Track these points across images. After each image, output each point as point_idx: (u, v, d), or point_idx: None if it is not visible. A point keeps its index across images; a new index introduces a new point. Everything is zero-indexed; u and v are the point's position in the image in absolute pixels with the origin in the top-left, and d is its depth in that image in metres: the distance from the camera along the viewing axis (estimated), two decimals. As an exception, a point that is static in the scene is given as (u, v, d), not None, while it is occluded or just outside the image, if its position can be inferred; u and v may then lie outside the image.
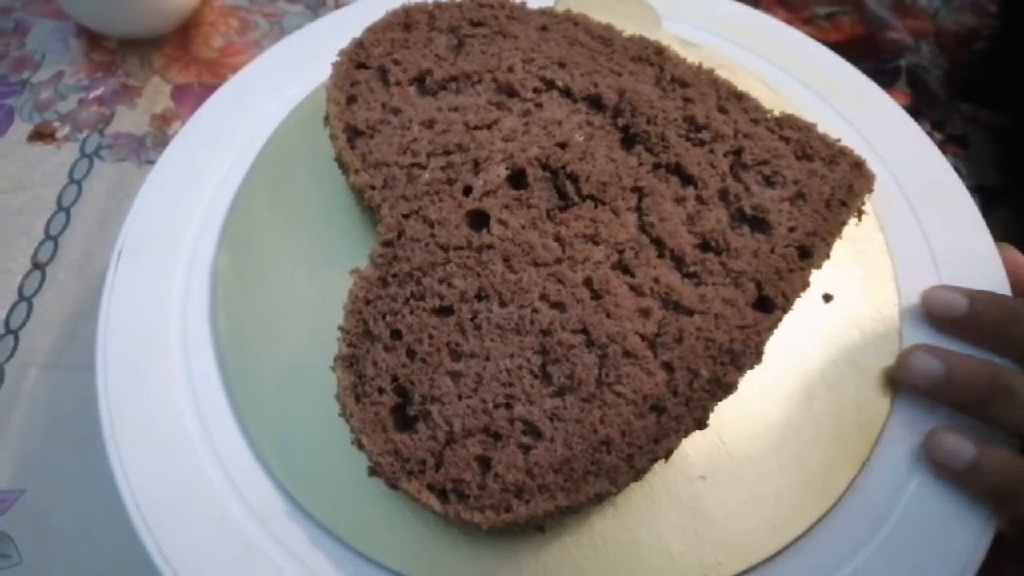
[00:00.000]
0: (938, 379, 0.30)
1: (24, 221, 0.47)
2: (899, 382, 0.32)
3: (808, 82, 0.40)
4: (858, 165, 0.34)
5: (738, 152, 0.34)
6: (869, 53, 0.53)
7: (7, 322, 0.43)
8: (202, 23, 0.56)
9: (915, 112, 0.46)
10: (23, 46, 0.55)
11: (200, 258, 0.35)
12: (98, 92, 0.53)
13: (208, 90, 0.51)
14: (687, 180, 0.33)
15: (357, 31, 0.37)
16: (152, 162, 0.45)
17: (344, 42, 0.37)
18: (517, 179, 0.32)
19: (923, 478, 0.30)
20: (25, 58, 0.54)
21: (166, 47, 0.55)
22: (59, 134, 0.51)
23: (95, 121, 0.51)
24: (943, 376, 0.30)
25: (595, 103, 0.35)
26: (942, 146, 0.47)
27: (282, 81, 0.40)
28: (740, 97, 0.35)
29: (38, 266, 0.45)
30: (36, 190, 0.48)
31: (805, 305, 0.32)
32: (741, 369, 0.29)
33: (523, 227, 0.31)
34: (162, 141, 0.50)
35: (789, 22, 0.46)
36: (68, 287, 0.45)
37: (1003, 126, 0.49)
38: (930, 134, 0.47)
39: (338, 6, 0.56)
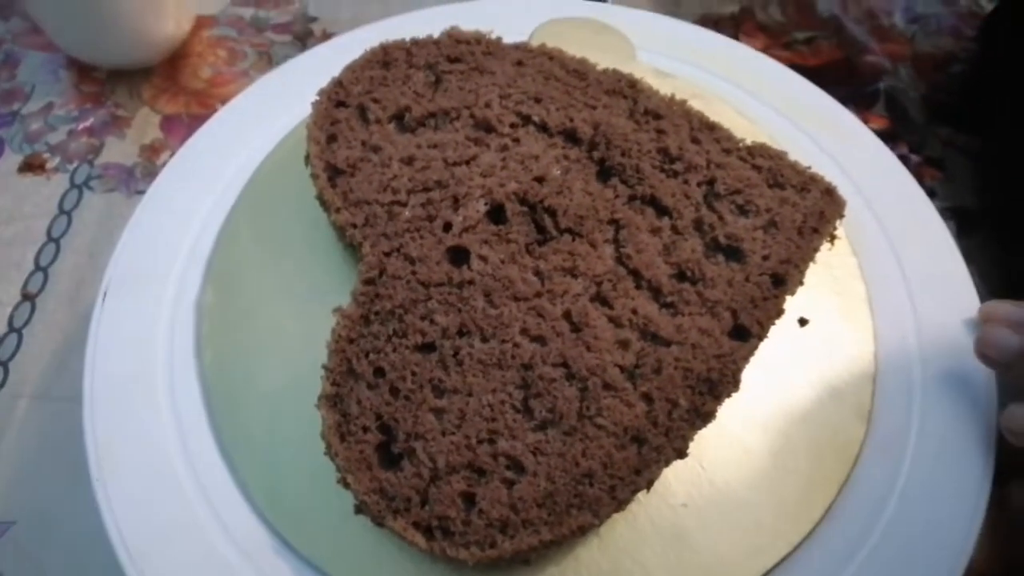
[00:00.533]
0: (1014, 354, 0.31)
1: (15, 253, 0.47)
2: (978, 354, 0.32)
3: (782, 109, 0.41)
4: (829, 192, 0.34)
5: (711, 182, 0.34)
6: (847, 77, 0.53)
7: (-3, 353, 0.43)
8: (191, 53, 0.56)
9: (893, 135, 0.47)
10: (13, 78, 0.55)
11: (186, 293, 0.35)
12: (88, 123, 0.53)
13: (197, 120, 0.51)
14: (662, 211, 0.34)
15: (345, 62, 0.38)
16: (141, 192, 0.46)
17: (333, 73, 0.37)
18: (496, 214, 0.33)
19: (901, 500, 0.31)
20: (15, 89, 0.55)
21: (155, 77, 0.55)
22: (49, 165, 0.51)
23: (85, 152, 0.52)
24: (1019, 352, 0.31)
25: (571, 137, 0.35)
26: (919, 169, 0.48)
27: (269, 114, 0.40)
28: (712, 127, 0.36)
29: (28, 297, 0.46)
30: (27, 221, 0.49)
31: (781, 330, 0.32)
32: (719, 398, 0.29)
33: (503, 262, 0.31)
34: (151, 172, 0.50)
35: (768, 47, 0.47)
36: (58, 318, 0.45)
37: (980, 150, 0.49)
38: (908, 157, 0.48)
39: (326, 36, 0.57)
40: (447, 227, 0.32)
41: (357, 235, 0.32)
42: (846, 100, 0.42)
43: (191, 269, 0.36)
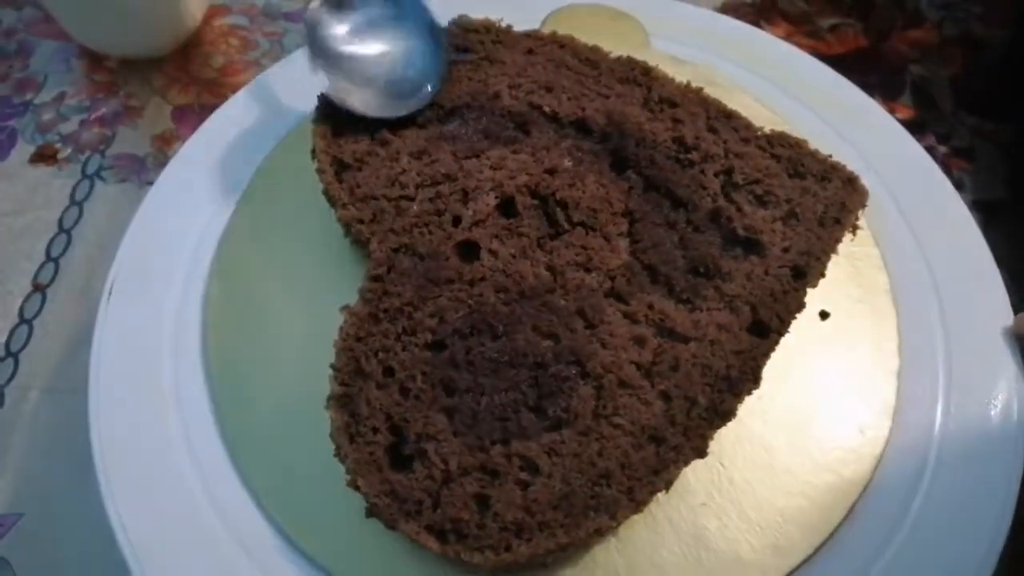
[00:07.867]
0: None
1: (26, 243, 0.47)
2: (1017, 337, 0.32)
3: (802, 97, 0.40)
4: (851, 181, 0.34)
5: (729, 172, 0.33)
6: (873, 65, 0.52)
7: (7, 345, 0.43)
8: (203, 42, 0.56)
9: (920, 124, 0.45)
10: (26, 67, 0.55)
11: (192, 289, 0.35)
12: (100, 113, 0.53)
13: (208, 110, 0.50)
14: (678, 203, 0.33)
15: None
16: (153, 183, 0.45)
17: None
18: (507, 208, 0.32)
19: (927, 500, 0.30)
20: (27, 79, 0.54)
21: (167, 67, 0.55)
22: (61, 155, 0.51)
23: (96, 142, 0.51)
24: None
25: (582, 127, 0.35)
26: (947, 159, 0.47)
27: (277, 105, 0.40)
28: (729, 116, 0.35)
29: (39, 288, 0.45)
30: (38, 212, 0.48)
31: (802, 324, 0.31)
32: (739, 395, 0.29)
33: (514, 257, 0.31)
34: (162, 162, 0.49)
35: (791, 35, 0.46)
36: (69, 309, 0.45)
37: (1009, 139, 0.48)
38: (935, 147, 0.47)
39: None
40: (456, 221, 0.31)
41: (364, 231, 0.32)
42: (872, 88, 0.41)
43: (197, 265, 0.35)
